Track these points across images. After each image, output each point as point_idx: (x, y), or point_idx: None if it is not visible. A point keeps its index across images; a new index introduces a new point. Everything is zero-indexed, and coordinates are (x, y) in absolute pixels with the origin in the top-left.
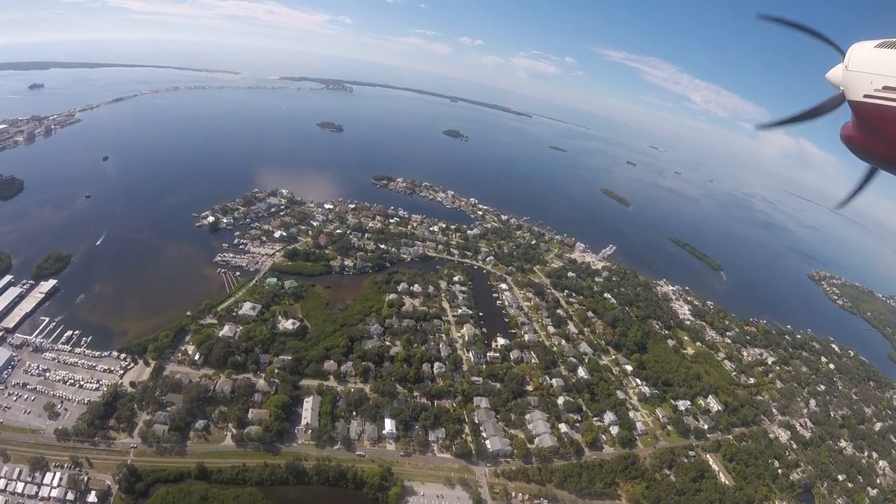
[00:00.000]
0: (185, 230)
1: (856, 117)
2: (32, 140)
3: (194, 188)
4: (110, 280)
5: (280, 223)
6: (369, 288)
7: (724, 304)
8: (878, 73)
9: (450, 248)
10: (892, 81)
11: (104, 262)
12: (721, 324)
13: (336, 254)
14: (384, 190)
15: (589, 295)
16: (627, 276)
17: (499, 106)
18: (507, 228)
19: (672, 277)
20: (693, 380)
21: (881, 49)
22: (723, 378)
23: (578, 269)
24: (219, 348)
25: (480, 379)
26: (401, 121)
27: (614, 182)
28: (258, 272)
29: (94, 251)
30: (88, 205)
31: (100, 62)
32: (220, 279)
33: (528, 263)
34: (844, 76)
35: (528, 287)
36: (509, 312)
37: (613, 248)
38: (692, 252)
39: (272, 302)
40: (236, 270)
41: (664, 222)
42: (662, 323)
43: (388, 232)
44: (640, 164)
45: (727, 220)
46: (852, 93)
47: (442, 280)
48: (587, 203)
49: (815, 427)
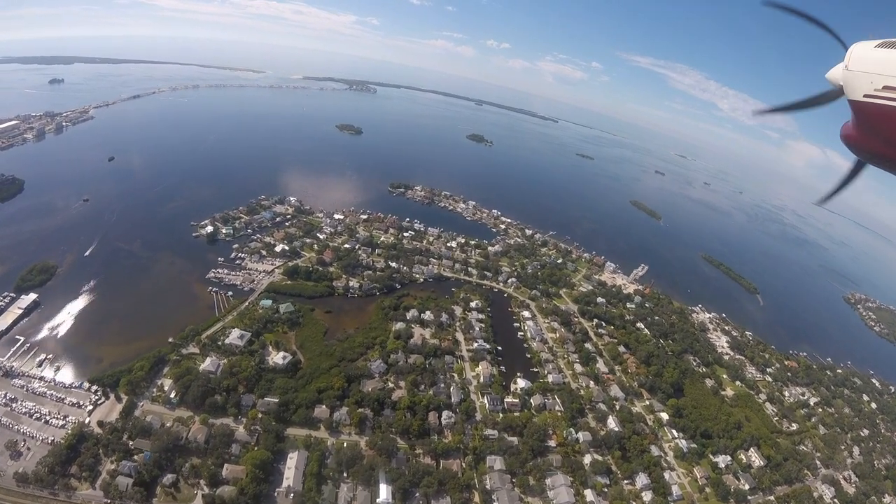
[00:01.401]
0: (181, 241)
1: (856, 117)
2: (42, 137)
3: (198, 193)
4: (92, 297)
5: (283, 235)
6: (375, 314)
7: (763, 334)
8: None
9: (468, 266)
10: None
11: (89, 276)
12: (761, 358)
13: (341, 272)
14: (401, 199)
15: (620, 325)
16: (661, 302)
17: (524, 110)
18: (531, 245)
19: (708, 302)
20: (734, 429)
21: (881, 49)
22: (765, 425)
23: (608, 294)
24: (197, 386)
25: (495, 432)
26: (423, 124)
27: (644, 193)
28: (253, 292)
29: (82, 263)
30: (85, 209)
31: (124, 58)
32: (210, 299)
33: (554, 286)
34: (844, 76)
35: (553, 315)
36: (532, 346)
37: (645, 269)
38: (727, 273)
39: (264, 329)
40: (228, 290)
41: (696, 238)
42: (700, 359)
43: (401, 248)
44: (668, 173)
45: (760, 236)
46: (852, 92)
47: (457, 305)
48: (616, 216)
49: (858, 481)
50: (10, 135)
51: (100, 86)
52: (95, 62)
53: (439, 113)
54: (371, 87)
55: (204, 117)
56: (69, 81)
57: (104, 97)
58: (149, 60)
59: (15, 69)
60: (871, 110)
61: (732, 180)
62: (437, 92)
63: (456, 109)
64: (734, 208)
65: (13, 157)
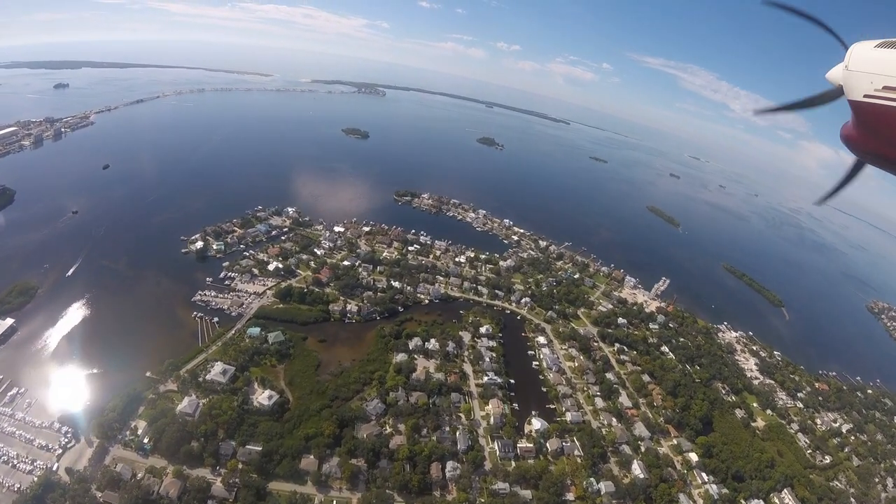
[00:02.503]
0: (169, 258)
1: (856, 117)
2: (40, 144)
3: (192, 203)
4: (69, 323)
5: (278, 251)
6: (374, 343)
7: (791, 353)
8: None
9: (478, 284)
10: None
11: (69, 298)
12: (791, 382)
13: (339, 294)
14: (407, 208)
15: (644, 350)
16: (685, 321)
17: (536, 112)
18: (545, 258)
19: (733, 319)
20: (766, 468)
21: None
22: (798, 460)
23: (630, 314)
24: (172, 431)
25: (506, 486)
26: (432, 127)
27: (660, 198)
28: (241, 318)
29: (63, 283)
30: (73, 222)
31: (131, 62)
32: (194, 326)
33: (571, 305)
34: (844, 76)
35: (571, 340)
36: (548, 378)
37: (667, 283)
38: (750, 284)
39: (250, 362)
40: (214, 316)
41: (716, 246)
42: (729, 386)
43: (405, 264)
44: (683, 176)
45: (779, 242)
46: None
47: (466, 331)
48: (634, 224)
49: None
50: (7, 142)
51: (104, 90)
52: (103, 66)
53: (449, 116)
54: (380, 90)
55: (205, 122)
56: (74, 86)
57: (107, 102)
58: (156, 64)
59: (23, 74)
60: (871, 110)
61: (747, 183)
62: (446, 94)
63: (466, 112)
64: (751, 212)
65: (7, 165)
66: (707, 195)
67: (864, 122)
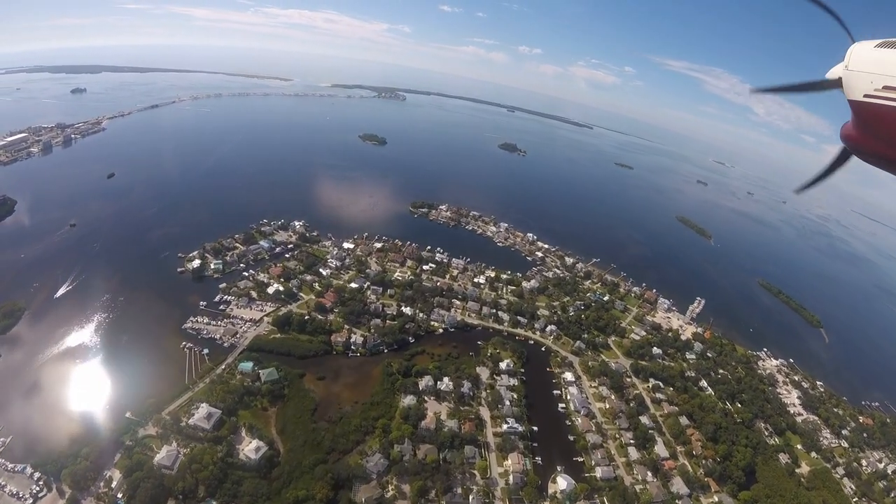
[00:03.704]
0: (164, 278)
1: (856, 117)
2: (49, 151)
3: (194, 215)
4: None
5: (281, 270)
6: (379, 381)
7: (833, 381)
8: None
9: (498, 309)
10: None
11: (55, 323)
12: (835, 419)
13: (343, 322)
14: (423, 220)
15: (681, 387)
16: (724, 349)
17: (558, 116)
18: (572, 278)
19: (772, 344)
20: None
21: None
22: None
23: (665, 342)
24: (148, 487)
25: None
26: (453, 132)
27: (689, 207)
28: (233, 349)
29: (51, 305)
30: (70, 235)
31: (152, 67)
32: (181, 358)
33: (601, 333)
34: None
35: (601, 376)
36: (576, 424)
37: (702, 304)
38: (787, 302)
39: (238, 404)
40: (205, 347)
41: (750, 260)
42: (772, 426)
43: (418, 287)
44: (710, 182)
45: (811, 254)
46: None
47: (484, 366)
48: (664, 236)
49: None
50: (16, 148)
51: (121, 95)
52: (123, 71)
53: (470, 121)
54: (400, 95)
55: (219, 128)
56: (91, 91)
57: (122, 107)
58: (175, 69)
59: (43, 78)
60: (871, 110)
61: (774, 188)
62: (468, 98)
63: (487, 116)
64: (780, 221)
65: (13, 173)
66: (736, 203)
67: (864, 122)
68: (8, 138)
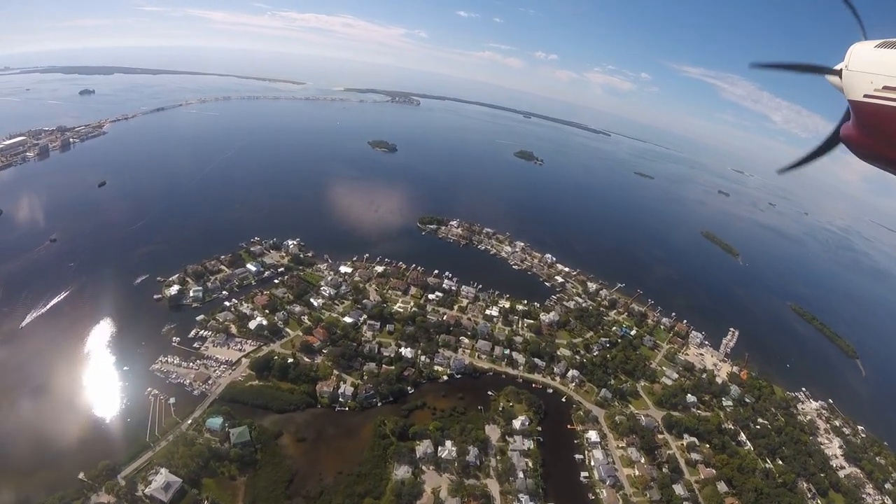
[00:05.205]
0: (139, 305)
1: (856, 117)
2: (46, 155)
3: (181, 232)
4: (9, 395)
5: (267, 299)
6: (370, 444)
7: (873, 422)
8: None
9: (513, 348)
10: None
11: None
12: (878, 470)
13: (332, 366)
14: (431, 238)
15: (719, 444)
16: (763, 391)
17: (574, 123)
18: (595, 308)
19: (810, 381)
20: None
21: (881, 49)
22: None
23: (700, 386)
24: None
25: None
26: (467, 139)
27: (714, 221)
28: (204, 398)
29: (13, 337)
30: (49, 252)
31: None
32: (145, 408)
33: (630, 378)
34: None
35: (630, 435)
36: (600, 498)
37: (736, 336)
38: (821, 330)
39: (203, 471)
40: (172, 395)
41: (780, 280)
42: (815, 485)
43: (421, 322)
44: (731, 192)
45: (837, 270)
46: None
47: (495, 423)
48: (690, 255)
49: None
50: (12, 152)
51: (129, 97)
52: (135, 73)
53: (484, 127)
54: (414, 99)
55: (222, 133)
56: (100, 93)
57: (128, 110)
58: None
59: (54, 79)
60: (872, 110)
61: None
62: (483, 104)
63: (503, 122)
64: (804, 234)
65: (5, 179)
66: (759, 215)
67: (864, 122)
68: (6, 142)
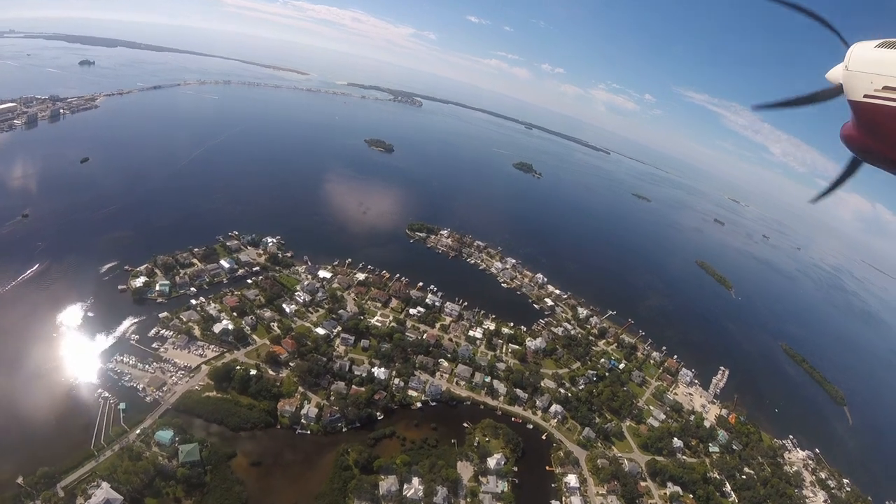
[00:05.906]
0: (103, 296)
1: (856, 117)
2: (33, 125)
3: (157, 219)
4: None
5: (237, 301)
6: (330, 475)
7: (858, 475)
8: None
9: (494, 376)
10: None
11: None
12: None
13: (297, 384)
14: (419, 246)
15: (703, 495)
16: (750, 438)
17: (575, 138)
18: (584, 337)
19: (798, 429)
20: None
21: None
22: None
23: (687, 430)
24: None
25: None
26: (467, 145)
27: (709, 250)
28: (157, 406)
29: None
30: (18, 228)
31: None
32: (93, 411)
33: (615, 417)
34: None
35: (612, 481)
36: None
37: (726, 375)
38: (810, 373)
39: (147, 489)
40: (123, 399)
41: (772, 317)
42: None
43: (400, 339)
44: (726, 222)
45: (828, 311)
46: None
47: (468, 460)
48: (684, 284)
49: None
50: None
51: (129, 72)
52: (139, 48)
53: (486, 134)
54: (417, 100)
55: (218, 117)
56: (100, 65)
57: (124, 85)
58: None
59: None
60: (871, 110)
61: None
62: (486, 111)
63: (504, 132)
64: (797, 270)
65: None
66: (753, 247)
67: (864, 122)
68: None
